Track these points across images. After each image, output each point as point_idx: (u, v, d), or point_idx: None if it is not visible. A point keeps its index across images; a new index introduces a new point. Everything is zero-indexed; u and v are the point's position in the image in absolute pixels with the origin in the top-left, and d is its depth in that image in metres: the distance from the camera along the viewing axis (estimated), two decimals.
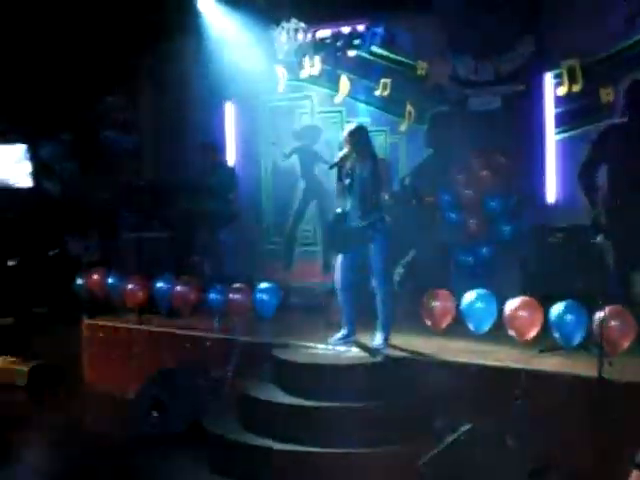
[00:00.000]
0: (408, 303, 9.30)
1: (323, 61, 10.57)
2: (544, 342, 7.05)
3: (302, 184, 11.01)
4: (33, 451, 7.82)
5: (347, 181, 7.39)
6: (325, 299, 8.95)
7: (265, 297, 8.80)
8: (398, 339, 7.58)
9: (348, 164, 7.41)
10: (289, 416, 6.71)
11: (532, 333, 7.05)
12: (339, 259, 7.59)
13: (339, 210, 7.53)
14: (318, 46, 10.56)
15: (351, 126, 7.63)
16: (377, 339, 7.43)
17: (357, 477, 6.26)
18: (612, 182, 8.09)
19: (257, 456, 6.57)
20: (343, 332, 7.58)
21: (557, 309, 6.87)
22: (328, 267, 10.66)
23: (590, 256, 7.71)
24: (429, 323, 7.81)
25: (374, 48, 10.27)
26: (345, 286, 7.54)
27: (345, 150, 7.42)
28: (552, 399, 6.19)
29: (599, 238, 6.67)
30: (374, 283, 7.47)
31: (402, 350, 7.32)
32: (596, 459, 5.71)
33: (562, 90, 9.08)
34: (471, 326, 7.48)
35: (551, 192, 9.26)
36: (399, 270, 10.29)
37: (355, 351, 7.32)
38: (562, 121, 9.19)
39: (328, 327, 7.99)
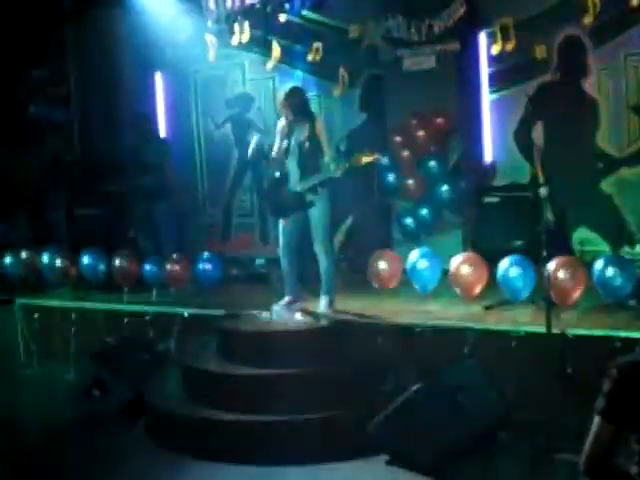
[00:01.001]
0: (350, 269, 9.31)
1: (253, 27, 10.33)
2: (490, 299, 7.02)
3: (236, 153, 10.80)
4: None
5: (284, 143, 7.27)
6: (266, 268, 8.81)
7: (207, 267, 8.59)
8: (343, 304, 7.49)
9: (286, 128, 7.29)
10: (236, 385, 6.58)
11: (478, 289, 7.00)
12: (280, 224, 7.45)
13: (277, 174, 7.39)
14: (247, 11, 10.32)
15: (286, 89, 7.51)
16: (322, 304, 7.31)
17: (307, 443, 6.15)
18: (548, 137, 8.11)
19: (205, 427, 6.42)
20: (287, 298, 7.45)
21: (503, 264, 6.84)
22: (266, 237, 10.55)
23: (529, 212, 7.70)
24: (376, 285, 7.69)
25: (305, 12, 10.08)
26: (287, 251, 7.41)
27: (283, 116, 7.31)
28: (502, 355, 6.18)
29: (541, 191, 6.61)
30: (316, 248, 7.33)
31: (348, 314, 7.23)
32: (550, 412, 5.69)
33: (496, 48, 9.02)
34: (417, 286, 7.40)
35: (488, 151, 9.24)
36: (339, 236, 10.24)
37: (300, 317, 7.19)
38: (497, 80, 9.14)
39: (271, 295, 7.83)
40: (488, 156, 9.23)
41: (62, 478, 6.16)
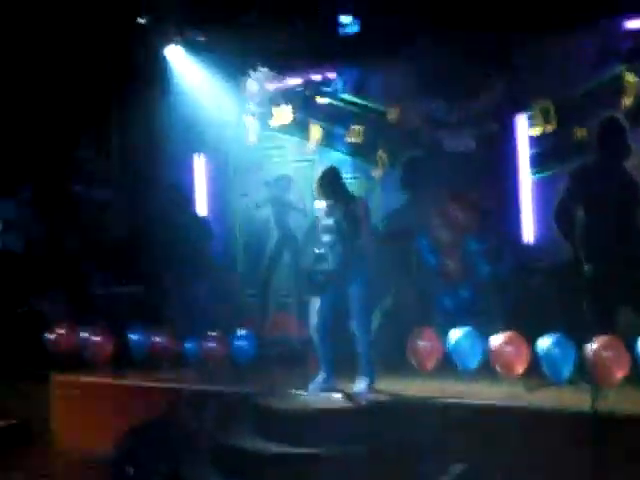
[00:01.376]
0: (388, 348, 9.20)
1: (294, 110, 10.49)
2: (532, 379, 6.89)
3: (275, 234, 10.83)
4: None
5: (326, 223, 7.30)
6: (302, 349, 8.70)
7: (242, 344, 8.52)
8: (381, 383, 7.38)
9: (327, 208, 7.34)
10: (273, 464, 6.46)
11: (520, 368, 6.86)
12: (317, 302, 7.40)
13: (318, 251, 7.39)
14: (288, 94, 10.50)
15: (321, 172, 7.57)
16: (359, 385, 7.22)
17: None
18: (588, 221, 8.02)
19: None
20: (322, 376, 7.38)
21: (544, 343, 6.72)
22: (303, 318, 10.49)
23: (571, 293, 7.60)
24: (415, 363, 7.56)
25: (344, 95, 10.23)
26: (323, 330, 7.37)
27: (320, 199, 7.41)
28: (545, 435, 6.02)
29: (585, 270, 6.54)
30: (354, 327, 7.29)
31: (386, 394, 7.12)
32: None
33: (536, 130, 9.06)
34: (458, 364, 7.27)
35: (528, 232, 9.18)
36: (377, 316, 10.17)
37: (337, 396, 7.08)
38: (537, 161, 9.16)
39: (306, 376, 7.73)
40: (528, 237, 9.19)
41: None
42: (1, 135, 11.21)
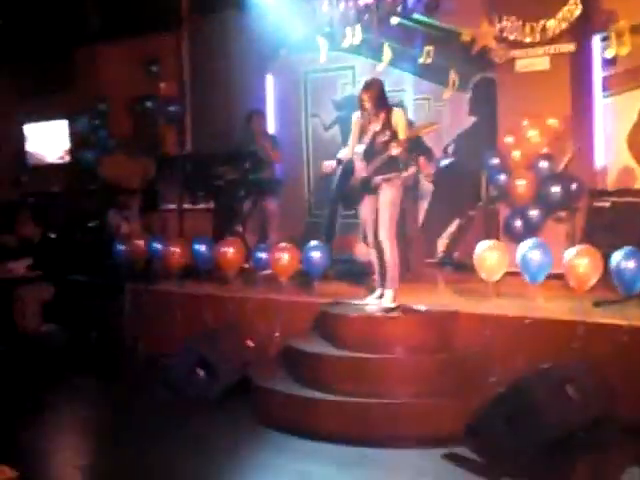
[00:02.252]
0: (455, 271, 9.29)
1: (365, 30, 10.45)
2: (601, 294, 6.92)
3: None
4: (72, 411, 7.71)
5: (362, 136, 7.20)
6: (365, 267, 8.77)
7: (315, 255, 8.56)
8: (446, 298, 7.48)
9: (363, 119, 7.20)
10: (338, 368, 6.64)
11: (592, 281, 6.85)
12: (360, 213, 7.40)
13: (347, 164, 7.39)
14: (360, 14, 10.44)
15: (366, 79, 7.41)
16: (386, 299, 7.15)
17: (404, 428, 6.15)
18: None
19: (307, 407, 6.50)
20: (377, 292, 7.37)
21: (617, 257, 6.71)
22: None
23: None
24: (483, 275, 7.57)
25: (417, 15, 10.14)
26: (369, 242, 7.34)
27: (363, 107, 7.14)
28: (611, 350, 6.06)
29: None
30: (380, 236, 7.11)
31: (449, 306, 7.21)
32: None
33: (610, 52, 8.92)
34: (526, 277, 7.29)
35: (600, 155, 9.12)
36: (444, 239, 10.23)
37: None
38: (610, 83, 9.04)
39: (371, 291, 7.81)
40: (600, 160, 9.13)
41: (170, 459, 6.24)
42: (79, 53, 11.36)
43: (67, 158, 12.35)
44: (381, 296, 7.27)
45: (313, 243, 8.52)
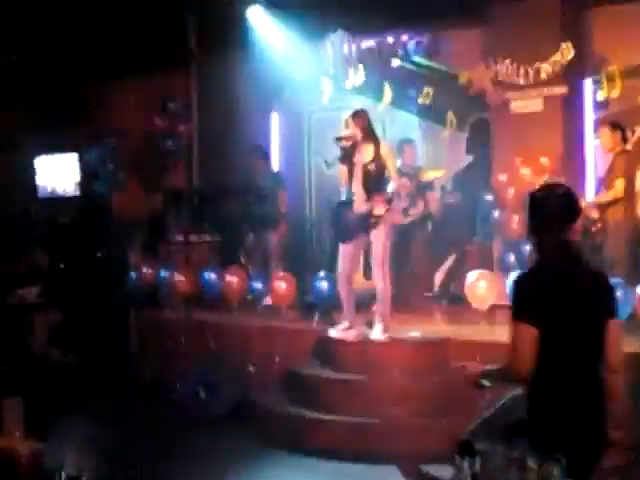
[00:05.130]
0: (450, 306, 9.56)
1: (367, 71, 10.82)
2: None
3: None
4: (83, 431, 7.95)
5: (349, 166, 7.30)
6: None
7: (322, 285, 8.82)
8: (440, 327, 7.77)
9: (349, 148, 7.31)
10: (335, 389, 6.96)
11: None
12: (341, 248, 7.40)
13: (342, 198, 7.50)
14: (363, 56, 10.83)
15: (355, 110, 7.58)
16: (376, 330, 7.27)
17: (397, 445, 6.43)
18: None
19: (304, 426, 6.82)
20: (344, 324, 7.47)
21: None
22: (368, 274, 10.87)
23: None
24: (474, 304, 7.89)
25: (417, 58, 10.53)
26: (347, 277, 7.38)
27: (348, 131, 7.33)
28: None
29: None
30: (374, 272, 7.25)
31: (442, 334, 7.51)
32: None
33: (602, 95, 9.28)
34: None
35: (590, 194, 9.45)
36: (440, 275, 10.52)
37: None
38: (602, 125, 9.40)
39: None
40: (590, 198, 9.45)
41: (174, 475, 6.51)
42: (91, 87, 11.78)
43: (77, 191, 12.71)
44: (348, 329, 7.40)
45: (321, 274, 8.79)
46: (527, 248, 9.01)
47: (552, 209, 3.56)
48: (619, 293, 6.83)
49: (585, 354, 3.54)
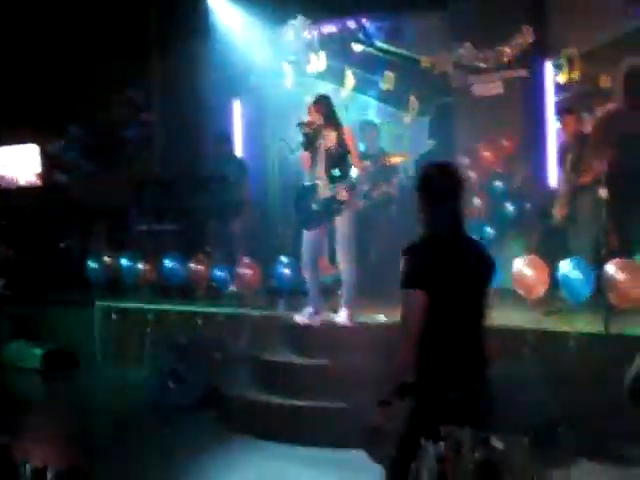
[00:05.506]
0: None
1: (329, 57, 10.79)
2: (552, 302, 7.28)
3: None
4: (50, 426, 7.94)
5: (312, 151, 7.32)
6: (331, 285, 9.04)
7: (285, 271, 8.87)
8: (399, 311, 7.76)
9: (312, 134, 7.32)
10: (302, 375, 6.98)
11: (539, 292, 7.23)
12: (305, 235, 7.41)
13: (305, 184, 7.45)
14: (324, 41, 10.79)
15: (317, 96, 7.60)
16: (342, 315, 7.30)
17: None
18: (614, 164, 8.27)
19: (271, 412, 6.84)
20: (310, 309, 7.48)
21: (563, 266, 7.09)
22: (334, 258, 10.89)
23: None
24: None
25: (378, 42, 10.53)
26: (311, 264, 7.40)
27: (310, 117, 7.34)
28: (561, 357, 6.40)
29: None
30: (338, 257, 7.28)
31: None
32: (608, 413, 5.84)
33: (562, 77, 9.33)
34: None
35: (552, 176, 9.52)
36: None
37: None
38: (562, 107, 9.47)
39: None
40: (552, 181, 9.53)
41: (143, 462, 6.49)
42: (56, 74, 11.66)
43: (37, 181, 12.59)
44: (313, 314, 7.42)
45: (283, 259, 8.79)
46: (489, 230, 9.15)
47: (439, 185, 3.79)
48: (580, 274, 7.02)
49: (468, 319, 3.77)
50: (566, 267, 7.09)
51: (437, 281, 3.62)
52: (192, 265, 9.34)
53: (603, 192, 7.40)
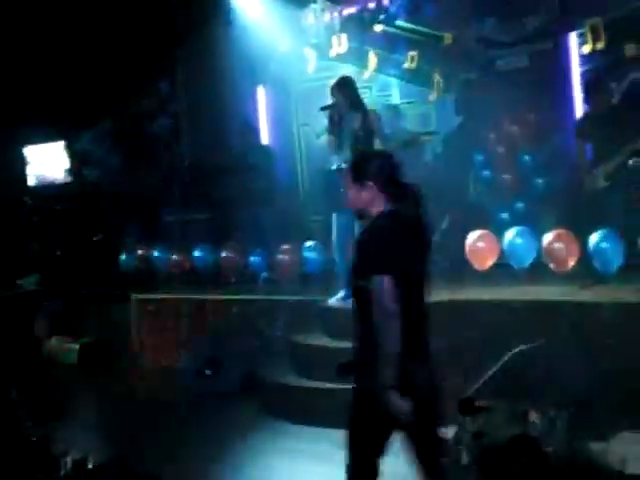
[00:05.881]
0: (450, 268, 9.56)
1: (350, 39, 10.77)
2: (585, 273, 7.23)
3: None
4: (89, 416, 8.05)
5: (337, 135, 7.33)
6: None
7: (312, 255, 8.92)
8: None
9: (336, 117, 7.33)
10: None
11: (571, 263, 7.19)
12: (334, 218, 7.45)
13: (332, 167, 7.46)
14: (345, 24, 10.77)
15: (338, 78, 7.61)
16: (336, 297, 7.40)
17: None
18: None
19: (307, 396, 6.89)
20: (342, 292, 7.46)
21: (594, 238, 7.05)
22: None
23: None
24: (474, 264, 7.89)
25: (400, 22, 10.47)
26: (340, 246, 7.43)
27: (333, 100, 7.35)
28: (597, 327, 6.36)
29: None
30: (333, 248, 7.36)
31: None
32: None
33: (586, 48, 9.24)
34: (513, 263, 7.62)
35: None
36: (436, 237, 10.52)
37: None
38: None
39: None
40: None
41: (187, 449, 6.60)
42: (81, 70, 11.72)
43: (67, 178, 12.67)
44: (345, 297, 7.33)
45: (309, 243, 8.82)
46: (519, 205, 9.09)
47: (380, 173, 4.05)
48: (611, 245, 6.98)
49: (422, 293, 4.05)
50: (597, 238, 7.03)
51: (403, 262, 3.82)
52: (224, 253, 9.37)
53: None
